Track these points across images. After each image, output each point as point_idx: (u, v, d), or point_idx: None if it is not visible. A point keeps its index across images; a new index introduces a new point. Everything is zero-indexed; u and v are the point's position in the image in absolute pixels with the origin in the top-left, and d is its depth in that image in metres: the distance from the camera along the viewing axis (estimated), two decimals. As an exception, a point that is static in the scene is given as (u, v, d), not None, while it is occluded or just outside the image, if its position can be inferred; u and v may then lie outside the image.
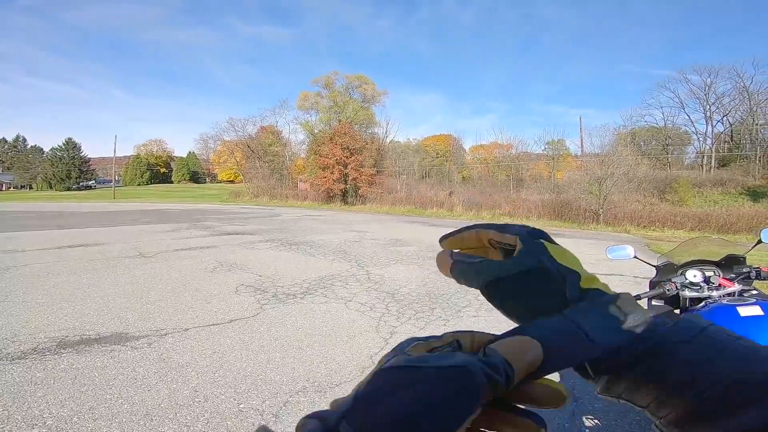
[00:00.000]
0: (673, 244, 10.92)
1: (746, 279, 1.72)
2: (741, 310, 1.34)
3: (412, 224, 15.09)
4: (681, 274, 1.80)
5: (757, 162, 27.01)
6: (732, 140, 31.08)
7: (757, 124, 29.60)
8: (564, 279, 0.29)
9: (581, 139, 29.46)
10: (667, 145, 32.70)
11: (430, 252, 8.26)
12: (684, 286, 1.73)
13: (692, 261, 1.87)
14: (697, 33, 56.58)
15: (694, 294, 1.71)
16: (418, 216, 20.19)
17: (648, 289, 1.83)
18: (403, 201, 24.73)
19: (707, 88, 32.00)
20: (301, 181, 31.65)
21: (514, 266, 0.30)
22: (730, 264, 1.81)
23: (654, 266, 1.97)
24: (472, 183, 30.98)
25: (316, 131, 31.62)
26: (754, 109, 29.95)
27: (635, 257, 2.00)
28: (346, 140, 26.86)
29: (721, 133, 32.01)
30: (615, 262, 5.48)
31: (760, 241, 1.81)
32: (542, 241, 0.31)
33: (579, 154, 29.30)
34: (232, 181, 53.35)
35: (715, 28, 55.05)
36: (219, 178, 61.28)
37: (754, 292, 1.68)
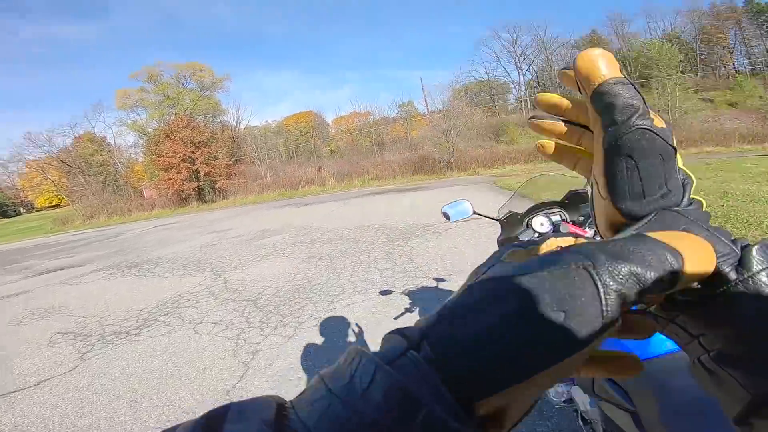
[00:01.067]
0: (515, 178, 12.52)
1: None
2: None
3: (283, 209, 14.28)
4: (528, 226, 1.63)
5: None
6: (539, 84, 36.77)
7: (554, 69, 36.13)
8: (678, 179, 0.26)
9: (425, 99, 32.12)
10: (493, 95, 37.67)
11: (300, 237, 7.78)
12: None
13: (536, 206, 1.69)
14: None
15: None
16: (290, 198, 19.32)
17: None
18: (271, 186, 23.44)
19: (515, 42, 37.67)
20: (145, 188, 27.44)
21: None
22: (575, 203, 1.64)
23: (497, 220, 1.74)
24: (340, 154, 31.18)
25: (149, 130, 27.53)
26: (550, 57, 36.44)
27: (475, 213, 1.74)
28: (187, 134, 23.96)
29: (530, 80, 37.88)
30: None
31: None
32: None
33: (425, 112, 31.75)
34: (57, 206, 43.59)
35: None
36: (38, 205, 49.34)
37: None
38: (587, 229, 1.49)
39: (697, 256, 0.19)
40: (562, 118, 0.31)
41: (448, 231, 5.91)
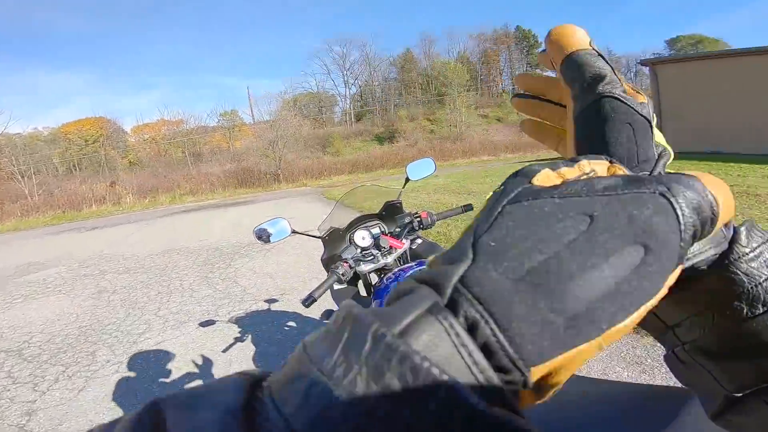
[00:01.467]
0: (340, 189, 12.90)
1: (411, 230, 1.56)
2: None
3: (60, 235, 11.11)
4: (350, 242, 1.54)
5: (378, 114, 36.27)
6: (362, 98, 39.72)
7: (374, 84, 39.44)
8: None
9: (251, 108, 30.70)
10: (322, 107, 38.61)
11: (85, 269, 6.11)
12: (357, 260, 1.44)
13: (356, 220, 1.62)
14: (346, 6, 66.37)
15: (371, 266, 1.45)
16: (71, 222, 15.21)
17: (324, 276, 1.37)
18: (42, 207, 18.13)
19: (344, 56, 39.79)
20: None
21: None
22: (390, 214, 1.65)
23: (319, 238, 1.57)
24: (142, 166, 26.64)
25: None
26: (372, 72, 39.84)
27: (294, 232, 1.54)
28: None
29: (354, 94, 40.39)
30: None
31: (407, 179, 1.71)
32: None
33: (251, 122, 30.56)
34: None
35: (353, 4, 65.82)
36: None
37: (419, 241, 1.58)
38: (404, 241, 1.49)
39: (726, 200, 0.17)
40: (543, 97, 0.30)
41: (277, 247, 5.55)
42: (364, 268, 1.45)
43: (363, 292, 1.70)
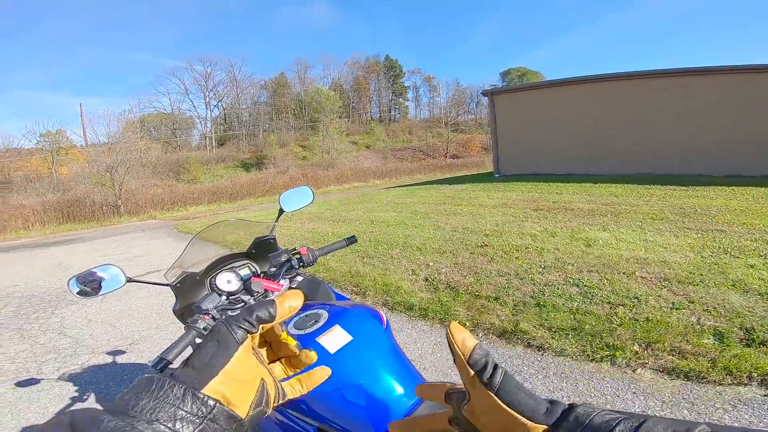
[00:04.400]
0: (199, 221, 11.34)
1: (289, 269, 1.33)
2: (325, 343, 0.94)
3: None
4: (211, 288, 1.27)
5: (244, 139, 34.47)
6: (225, 122, 37.50)
7: (241, 108, 37.37)
8: None
9: (83, 128, 25.87)
10: (176, 129, 35.15)
11: None
12: (223, 309, 1.14)
13: (218, 261, 1.36)
14: (206, 28, 61.17)
15: None
16: None
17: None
18: None
19: (207, 76, 36.81)
20: None
21: None
22: (263, 252, 1.44)
23: (167, 286, 1.27)
24: None
25: None
26: (239, 95, 37.67)
27: (131, 280, 1.26)
28: None
29: (217, 116, 38.08)
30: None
31: (281, 211, 1.53)
32: None
33: (84, 144, 25.91)
34: None
35: (221, 26, 61.81)
36: None
37: (300, 279, 1.37)
38: (282, 282, 1.28)
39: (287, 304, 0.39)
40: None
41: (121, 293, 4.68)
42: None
43: None
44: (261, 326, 0.36)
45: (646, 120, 11.39)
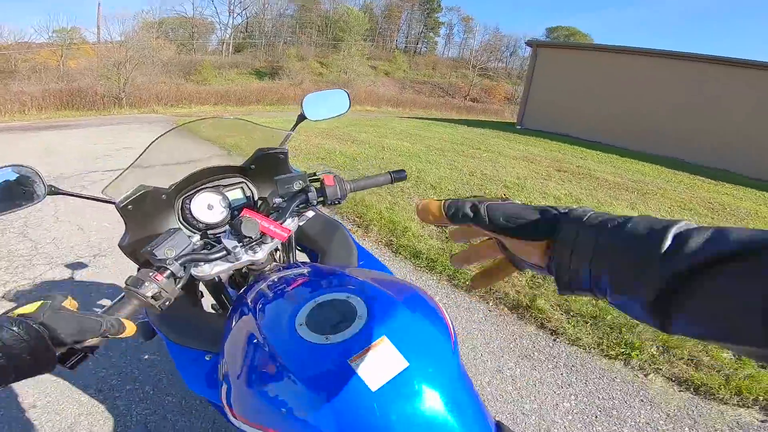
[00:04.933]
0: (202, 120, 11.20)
1: (303, 203, 0.84)
2: (364, 370, 0.53)
3: None
4: (183, 217, 0.90)
5: (262, 49, 33.52)
6: (246, 30, 36.29)
7: (265, 18, 35.63)
8: None
9: (98, 27, 25.71)
10: (194, 32, 34.30)
11: None
12: (192, 259, 0.69)
13: (196, 174, 0.93)
14: None
15: (221, 267, 0.76)
16: None
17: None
18: None
19: None
20: None
21: None
22: (266, 170, 0.98)
23: (111, 203, 0.85)
24: None
25: None
26: (266, 5, 35.49)
27: (54, 191, 0.83)
28: None
29: (239, 24, 36.74)
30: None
31: (302, 117, 1.05)
32: None
33: (97, 42, 25.30)
34: None
35: None
36: None
37: (310, 215, 0.94)
38: (289, 224, 0.81)
39: None
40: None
41: (98, 184, 4.33)
42: (207, 270, 0.74)
43: (208, 306, 1.05)
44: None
45: (689, 105, 10.66)
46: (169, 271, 0.63)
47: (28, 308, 0.47)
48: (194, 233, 0.86)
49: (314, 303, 0.62)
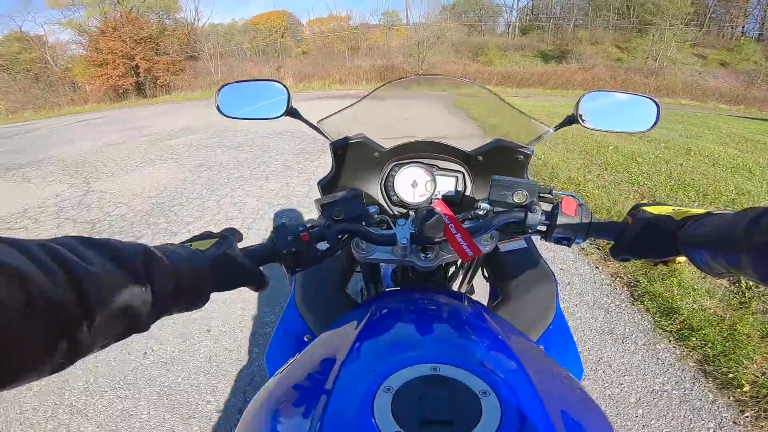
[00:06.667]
0: (480, 99, 11.73)
1: (518, 223, 0.61)
2: None
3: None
4: (386, 179, 0.83)
5: (549, 32, 31.75)
6: (532, 13, 35.16)
7: (552, 1, 33.84)
8: None
9: (406, 10, 30.38)
10: (482, 15, 35.61)
11: (213, 139, 6.66)
12: (356, 229, 0.60)
13: (419, 144, 0.82)
14: None
15: (386, 256, 0.65)
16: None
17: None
18: (220, 83, 21.20)
19: None
20: (89, 84, 24.87)
21: None
22: (491, 166, 0.79)
23: (324, 136, 0.85)
24: (310, 56, 28.72)
25: (93, 28, 24.40)
26: None
27: (291, 113, 0.86)
28: (127, 30, 21.72)
29: (524, 6, 35.84)
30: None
31: (572, 119, 0.78)
32: None
33: (406, 24, 30.19)
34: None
35: None
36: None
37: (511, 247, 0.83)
38: (487, 244, 0.63)
39: None
40: None
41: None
42: (365, 250, 0.64)
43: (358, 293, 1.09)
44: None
45: None
46: (320, 233, 0.57)
47: (203, 244, 0.49)
48: (376, 205, 0.70)
49: (429, 368, 0.40)
